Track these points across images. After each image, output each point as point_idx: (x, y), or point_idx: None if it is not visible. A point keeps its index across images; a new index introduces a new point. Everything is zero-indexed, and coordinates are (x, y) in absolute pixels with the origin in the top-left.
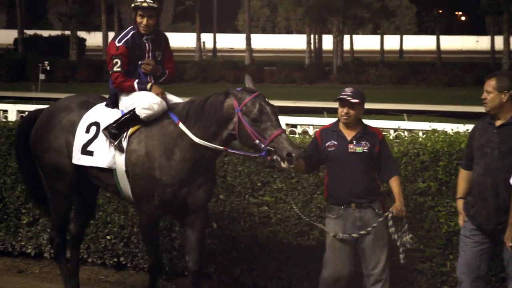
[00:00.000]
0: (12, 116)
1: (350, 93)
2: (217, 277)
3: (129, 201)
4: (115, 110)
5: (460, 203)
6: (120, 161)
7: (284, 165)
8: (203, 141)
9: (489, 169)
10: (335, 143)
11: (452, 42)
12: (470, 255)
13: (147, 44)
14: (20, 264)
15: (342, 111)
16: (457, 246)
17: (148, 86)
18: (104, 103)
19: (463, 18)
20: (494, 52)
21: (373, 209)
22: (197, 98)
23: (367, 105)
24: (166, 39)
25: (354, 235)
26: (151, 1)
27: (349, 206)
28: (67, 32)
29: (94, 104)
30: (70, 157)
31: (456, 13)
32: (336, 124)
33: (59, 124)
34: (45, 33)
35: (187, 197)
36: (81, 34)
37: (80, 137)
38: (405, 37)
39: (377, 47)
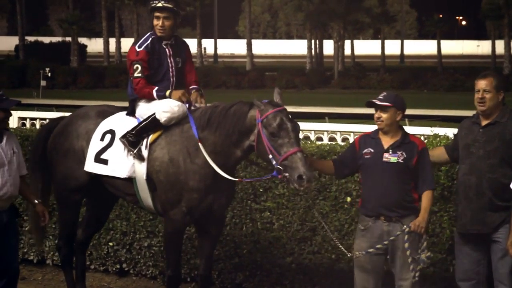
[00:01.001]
0: (14, 123)
1: (381, 97)
2: (220, 283)
3: (150, 211)
4: (131, 118)
5: None
6: (140, 169)
7: (294, 186)
8: (216, 167)
9: (474, 169)
10: (372, 150)
11: (453, 47)
12: (467, 263)
13: (167, 50)
14: (23, 271)
15: (375, 115)
16: None
17: (167, 93)
18: (122, 112)
19: (463, 22)
20: (495, 57)
21: (403, 225)
22: (220, 104)
23: (368, 110)
24: (187, 47)
25: (370, 250)
26: (166, 1)
27: (378, 219)
28: (68, 39)
29: (112, 114)
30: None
31: (457, 17)
32: (376, 131)
33: (75, 132)
34: (46, 40)
35: (212, 204)
36: (82, 40)
37: (95, 145)
38: (406, 42)
39: (378, 52)
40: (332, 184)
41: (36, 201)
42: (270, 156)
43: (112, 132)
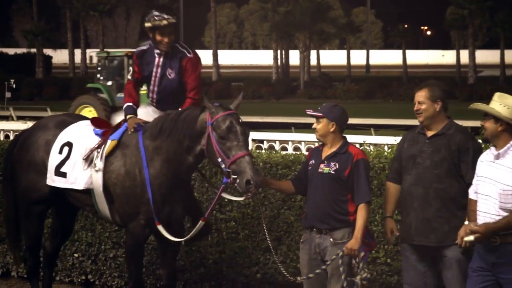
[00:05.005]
0: None
1: (319, 108)
2: None
3: (108, 221)
4: (88, 129)
5: (389, 223)
6: (97, 181)
7: (241, 191)
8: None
9: (421, 179)
10: (313, 162)
11: (418, 57)
12: (413, 274)
13: (157, 58)
14: None
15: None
16: None
17: (127, 117)
18: (81, 122)
19: (428, 32)
20: (460, 66)
21: (331, 237)
22: (172, 111)
23: None
24: (188, 59)
25: (310, 275)
26: (170, 17)
27: (312, 231)
28: (33, 50)
29: (72, 123)
30: (46, 178)
31: (422, 27)
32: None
33: (35, 144)
34: (11, 51)
35: (171, 213)
36: (47, 51)
37: (54, 158)
38: (371, 52)
39: (343, 62)
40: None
41: None
42: (219, 160)
43: (69, 144)
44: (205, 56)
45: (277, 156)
